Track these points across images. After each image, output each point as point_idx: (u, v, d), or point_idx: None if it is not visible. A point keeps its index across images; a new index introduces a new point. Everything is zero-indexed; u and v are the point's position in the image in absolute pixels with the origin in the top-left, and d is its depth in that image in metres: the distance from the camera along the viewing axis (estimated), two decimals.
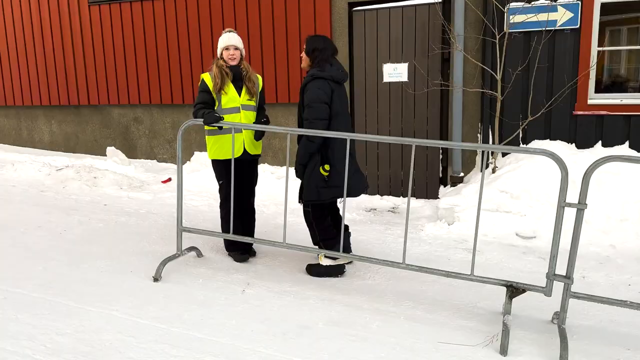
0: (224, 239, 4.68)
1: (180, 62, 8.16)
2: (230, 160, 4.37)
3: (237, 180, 4.45)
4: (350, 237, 4.56)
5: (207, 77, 4.41)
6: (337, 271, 4.30)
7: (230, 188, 4.33)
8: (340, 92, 4.14)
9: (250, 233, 4.75)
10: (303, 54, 4.24)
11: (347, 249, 4.43)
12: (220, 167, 4.53)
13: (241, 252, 4.63)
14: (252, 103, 4.52)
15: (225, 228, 4.58)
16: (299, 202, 4.33)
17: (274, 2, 7.39)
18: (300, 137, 4.21)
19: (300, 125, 4.20)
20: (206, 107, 4.33)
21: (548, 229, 5.00)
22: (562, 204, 3.35)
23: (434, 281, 4.14)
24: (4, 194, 6.64)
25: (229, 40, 4.40)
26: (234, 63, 4.42)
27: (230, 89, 4.40)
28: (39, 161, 8.07)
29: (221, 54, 4.44)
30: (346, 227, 4.50)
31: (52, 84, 9.23)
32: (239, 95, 4.43)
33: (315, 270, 4.32)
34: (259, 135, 4.55)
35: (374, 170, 6.89)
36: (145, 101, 8.53)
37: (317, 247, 4.36)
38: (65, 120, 9.41)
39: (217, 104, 4.41)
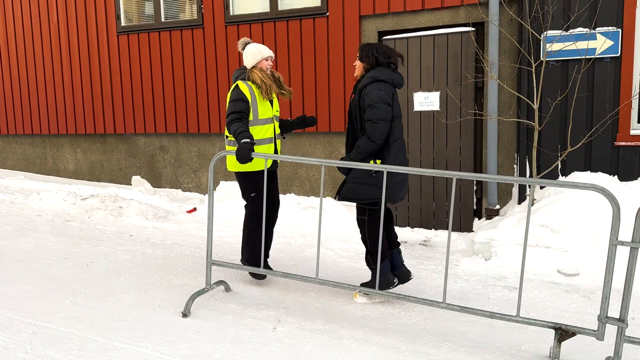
0: (242, 253, 4.59)
1: (208, 91, 8.15)
2: (257, 171, 4.32)
3: (265, 194, 4.22)
4: (399, 258, 4.38)
5: (243, 86, 4.23)
6: (387, 284, 4.17)
7: (260, 201, 4.28)
8: (396, 97, 4.11)
9: (267, 253, 4.70)
10: (357, 62, 4.17)
11: (400, 267, 4.32)
12: (249, 178, 4.38)
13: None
14: (278, 113, 4.58)
15: (250, 249, 4.46)
16: (335, 198, 4.24)
17: (302, 32, 7.36)
18: (348, 136, 4.24)
19: (350, 127, 4.18)
20: (242, 120, 4.14)
21: (591, 266, 4.78)
22: (614, 242, 3.16)
23: (474, 321, 3.94)
24: (29, 223, 6.60)
25: (269, 52, 4.36)
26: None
27: (265, 100, 4.38)
28: (63, 190, 8.04)
29: (257, 64, 4.33)
30: (397, 243, 4.38)
31: (78, 112, 9.29)
32: (272, 106, 4.43)
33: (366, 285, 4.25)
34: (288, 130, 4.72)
35: (404, 200, 6.72)
36: (171, 130, 8.52)
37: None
38: (90, 148, 9.44)
39: (251, 114, 4.29)
